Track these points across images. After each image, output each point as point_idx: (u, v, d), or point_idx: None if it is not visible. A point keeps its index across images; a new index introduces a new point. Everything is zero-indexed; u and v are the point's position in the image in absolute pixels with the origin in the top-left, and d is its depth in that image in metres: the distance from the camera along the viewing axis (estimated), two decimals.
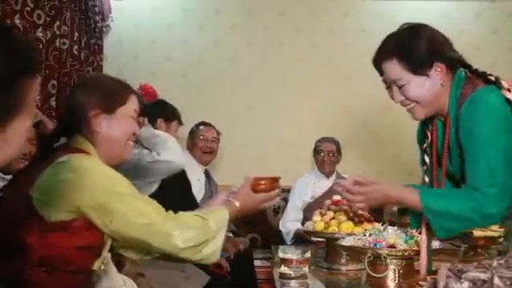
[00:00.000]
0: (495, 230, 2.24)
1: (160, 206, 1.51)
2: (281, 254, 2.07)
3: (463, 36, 4.05)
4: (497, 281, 0.99)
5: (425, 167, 1.69)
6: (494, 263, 1.07)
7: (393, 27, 1.64)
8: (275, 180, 1.73)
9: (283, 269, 2.02)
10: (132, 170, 2.39)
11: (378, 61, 1.61)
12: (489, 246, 2.34)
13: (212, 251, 1.52)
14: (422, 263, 1.58)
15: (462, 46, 1.67)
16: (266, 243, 3.83)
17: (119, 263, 1.98)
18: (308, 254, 2.08)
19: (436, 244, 1.73)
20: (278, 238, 3.73)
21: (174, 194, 2.83)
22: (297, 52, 4.38)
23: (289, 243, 3.61)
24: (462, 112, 1.53)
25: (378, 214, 3.67)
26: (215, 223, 1.53)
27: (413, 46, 1.55)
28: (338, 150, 3.88)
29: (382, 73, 1.62)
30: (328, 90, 4.38)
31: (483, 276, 1.02)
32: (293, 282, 1.96)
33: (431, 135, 1.68)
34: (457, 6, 4.37)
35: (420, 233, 1.72)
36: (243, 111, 4.33)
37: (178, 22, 4.38)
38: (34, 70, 0.97)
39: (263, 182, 1.70)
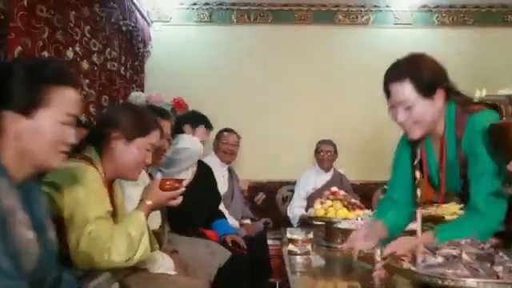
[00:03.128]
0: None
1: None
2: (288, 235, 2.08)
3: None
4: (465, 256, 1.00)
5: (416, 181, 1.57)
6: (462, 242, 1.07)
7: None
8: (179, 181, 1.67)
9: (291, 247, 2.02)
10: (166, 162, 2.53)
11: (389, 82, 1.47)
12: None
13: (141, 255, 1.48)
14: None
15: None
16: (276, 226, 3.83)
17: (158, 242, 2.00)
18: (311, 235, 2.09)
19: (414, 226, 1.72)
20: (286, 222, 3.72)
21: (203, 187, 2.86)
22: (302, 71, 4.37)
23: (295, 226, 3.60)
24: (466, 135, 1.41)
25: (367, 201, 3.66)
26: (136, 231, 1.47)
27: (422, 72, 1.43)
28: (335, 151, 3.87)
29: (388, 93, 1.47)
30: (327, 103, 4.37)
31: (454, 252, 1.03)
32: (298, 258, 1.96)
33: (421, 154, 1.55)
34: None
35: None
36: (258, 120, 4.33)
37: (205, 48, 4.40)
38: (62, 82, 1.03)
39: (168, 183, 1.63)
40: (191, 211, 2.37)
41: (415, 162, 1.56)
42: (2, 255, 0.88)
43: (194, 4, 4.38)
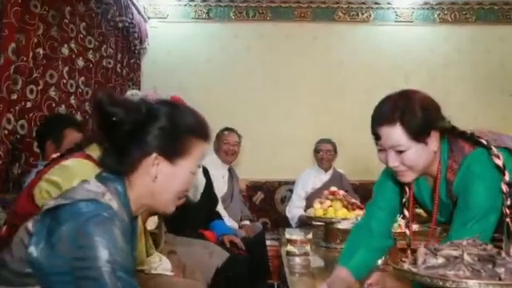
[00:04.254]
0: None
1: None
2: (287, 236, 2.08)
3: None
4: (466, 257, 1.00)
5: (405, 220, 1.51)
6: (464, 242, 1.07)
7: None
8: None
9: (289, 247, 2.03)
10: None
11: (379, 125, 1.33)
12: None
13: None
14: None
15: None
16: (275, 226, 3.83)
17: (155, 243, 2.00)
18: (310, 236, 2.09)
19: (415, 226, 1.72)
20: (284, 223, 3.72)
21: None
22: (301, 68, 4.38)
23: (294, 227, 3.60)
24: (459, 177, 1.36)
25: (367, 201, 3.67)
26: None
27: (413, 113, 1.30)
28: (335, 150, 3.87)
29: (378, 137, 1.34)
30: (327, 101, 4.37)
31: (455, 253, 1.03)
32: (297, 258, 1.96)
33: (409, 190, 1.48)
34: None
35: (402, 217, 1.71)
36: (257, 118, 4.33)
37: (203, 45, 4.40)
38: (202, 136, 1.11)
39: None
40: (188, 213, 2.36)
41: (403, 200, 1.48)
42: (128, 256, 0.96)
43: (192, 0, 4.38)
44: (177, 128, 1.08)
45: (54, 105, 2.65)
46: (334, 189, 2.71)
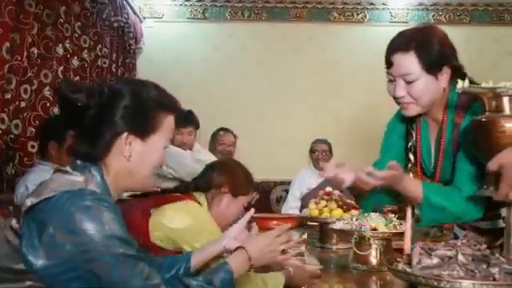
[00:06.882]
0: None
1: None
2: None
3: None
4: (460, 257, 1.00)
5: (409, 164, 1.48)
6: (459, 243, 1.07)
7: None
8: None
9: None
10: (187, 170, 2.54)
11: (393, 51, 1.33)
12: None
13: None
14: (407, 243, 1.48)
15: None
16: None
17: None
18: (305, 236, 2.09)
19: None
20: None
21: None
22: (297, 68, 4.38)
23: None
24: (466, 121, 1.31)
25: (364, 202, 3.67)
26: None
27: (430, 44, 1.30)
28: (330, 150, 3.87)
29: (390, 64, 1.33)
30: (323, 101, 4.39)
31: (449, 253, 1.03)
32: (292, 259, 1.96)
33: (416, 134, 1.46)
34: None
35: (397, 217, 1.71)
36: (253, 118, 4.33)
37: (198, 44, 4.39)
38: (169, 109, 1.10)
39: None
40: None
41: (409, 144, 1.47)
42: (126, 231, 0.97)
43: (188, 0, 4.37)
44: (142, 104, 1.07)
45: (48, 104, 2.64)
46: (329, 189, 2.71)
